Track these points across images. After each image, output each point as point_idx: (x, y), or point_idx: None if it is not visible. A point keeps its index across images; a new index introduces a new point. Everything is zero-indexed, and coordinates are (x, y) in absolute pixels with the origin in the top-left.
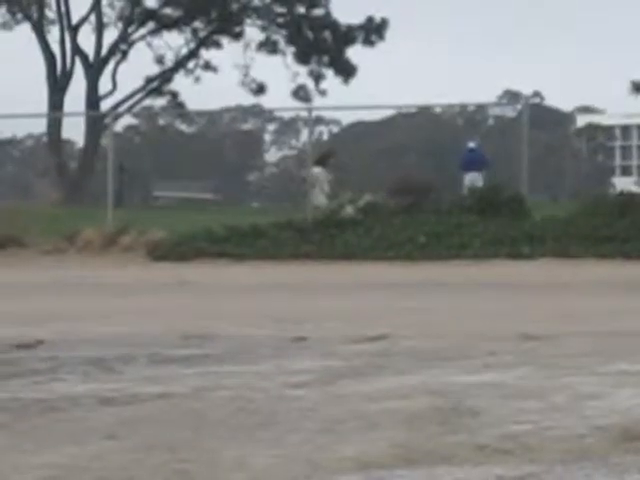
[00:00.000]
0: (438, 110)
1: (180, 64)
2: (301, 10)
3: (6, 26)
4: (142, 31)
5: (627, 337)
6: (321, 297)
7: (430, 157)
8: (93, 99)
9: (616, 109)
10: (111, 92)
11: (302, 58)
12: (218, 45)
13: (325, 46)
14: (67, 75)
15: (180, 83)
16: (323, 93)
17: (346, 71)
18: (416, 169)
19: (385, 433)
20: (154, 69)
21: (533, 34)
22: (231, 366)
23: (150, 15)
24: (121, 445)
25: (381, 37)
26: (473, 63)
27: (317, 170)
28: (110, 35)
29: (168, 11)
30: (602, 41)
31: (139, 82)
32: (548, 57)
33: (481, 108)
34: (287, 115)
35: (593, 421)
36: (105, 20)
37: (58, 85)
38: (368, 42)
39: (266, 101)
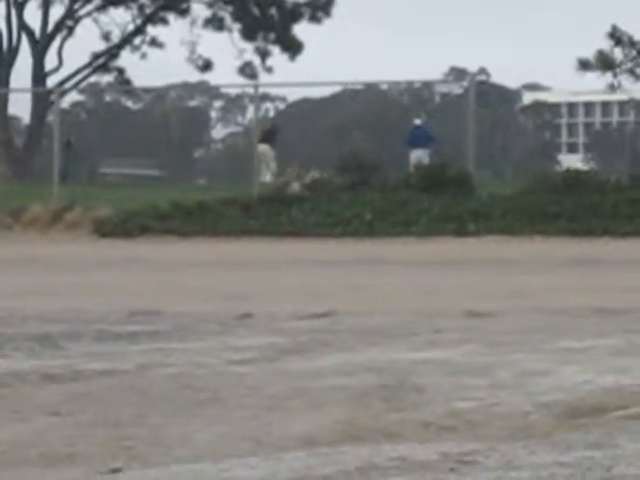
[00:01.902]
0: (384, 87)
1: (126, 40)
2: None
3: None
4: (88, 7)
5: (572, 314)
6: (267, 274)
7: (376, 134)
8: (39, 75)
9: (562, 86)
10: (57, 68)
11: (248, 35)
12: (164, 21)
13: (271, 23)
14: (13, 51)
15: (126, 59)
16: (269, 70)
17: (292, 48)
18: (362, 146)
19: (330, 410)
20: (100, 45)
21: (479, 10)
22: (176, 343)
23: None
24: (66, 421)
25: (327, 14)
26: (419, 40)
27: (263, 147)
28: (56, 11)
29: None
30: (549, 18)
31: (85, 58)
32: (494, 34)
33: (427, 85)
34: (233, 92)
35: (538, 398)
36: None
37: (4, 61)
38: (314, 19)
39: (212, 78)
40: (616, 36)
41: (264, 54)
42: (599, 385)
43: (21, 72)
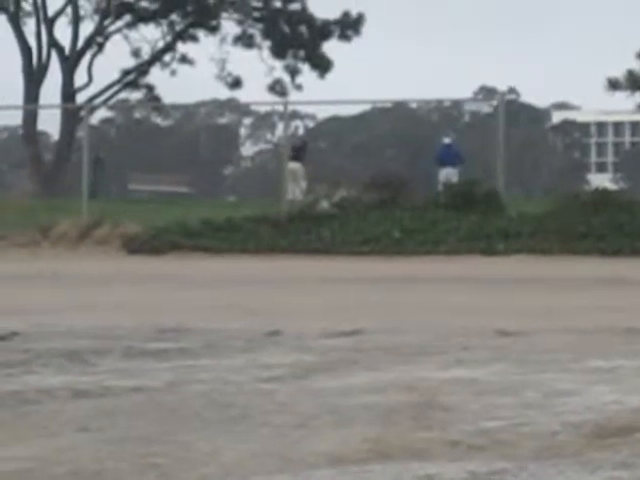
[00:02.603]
0: (414, 105)
1: (156, 57)
2: (277, 4)
3: None
4: (118, 24)
5: (601, 334)
6: (295, 291)
7: (405, 152)
8: (69, 92)
9: (592, 106)
10: (87, 85)
11: (278, 52)
12: (194, 39)
13: (301, 40)
14: (43, 67)
15: (156, 76)
16: (299, 87)
17: (322, 66)
18: (391, 164)
19: (358, 428)
20: (130, 62)
21: (510, 30)
22: (205, 360)
23: (127, 8)
24: (94, 438)
25: (357, 32)
26: (449, 59)
27: (293, 165)
28: (86, 28)
29: (145, 4)
30: (578, 37)
31: (115, 75)
32: (524, 53)
33: (457, 104)
34: (263, 109)
35: (566, 418)
36: (81, 13)
37: (34, 77)
38: (344, 37)
39: (242, 95)
40: None
41: (294, 72)
42: (627, 405)
43: (51, 88)
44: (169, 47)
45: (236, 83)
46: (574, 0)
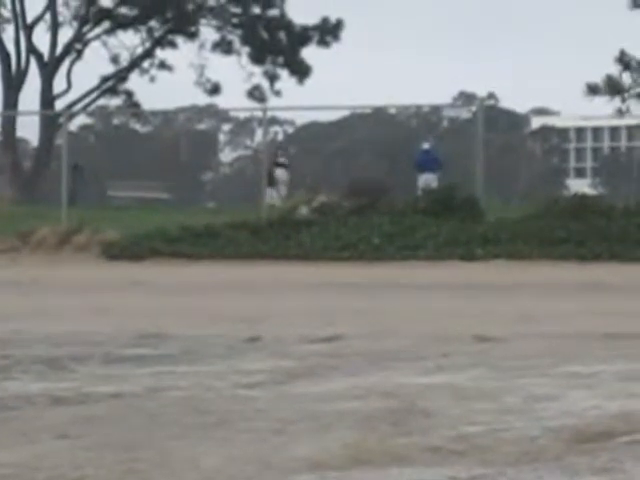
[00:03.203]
0: (393, 111)
1: (135, 63)
2: (256, 10)
3: None
4: (97, 30)
5: (580, 339)
6: (275, 297)
7: (384, 158)
8: (48, 98)
9: (571, 111)
10: (66, 91)
11: (257, 58)
12: (173, 45)
13: (280, 46)
14: (22, 74)
15: (135, 82)
16: (278, 93)
17: (301, 71)
18: (370, 170)
19: (338, 434)
20: (109, 68)
21: (487, 35)
22: (184, 366)
23: (105, 14)
24: (74, 444)
25: (336, 38)
26: (427, 64)
27: (279, 171)
28: (65, 34)
29: (124, 10)
30: (557, 43)
31: (94, 81)
32: (503, 59)
33: (436, 109)
34: (242, 115)
35: (546, 423)
36: (60, 19)
37: (13, 83)
38: (323, 43)
39: (221, 101)
40: (624, 61)
41: (273, 77)
42: (606, 410)
43: (30, 95)
44: (148, 53)
45: (215, 89)
46: (553, 5)
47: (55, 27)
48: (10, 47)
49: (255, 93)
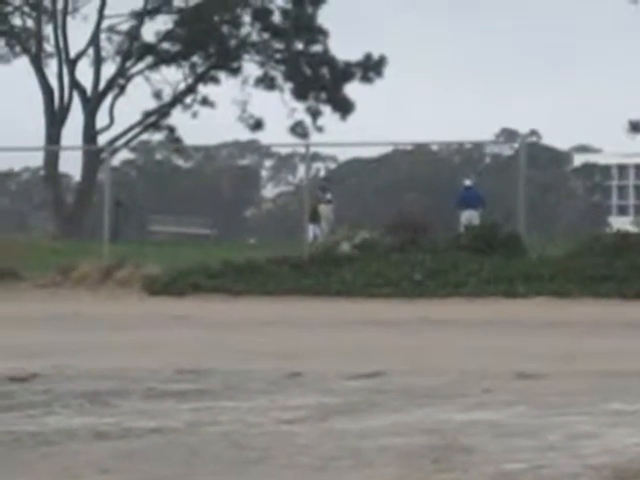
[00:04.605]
0: (435, 148)
1: (178, 99)
2: (299, 46)
3: (4, 59)
4: (140, 65)
5: (622, 377)
6: (316, 333)
7: (427, 194)
8: (90, 133)
9: (613, 148)
10: (108, 126)
11: (300, 94)
12: (216, 80)
13: (323, 82)
14: (65, 109)
15: (177, 118)
16: (320, 129)
17: (343, 108)
18: (412, 206)
19: (380, 470)
20: (152, 104)
21: (531, 72)
22: (226, 401)
23: (148, 50)
24: (115, 479)
25: (379, 74)
26: (471, 101)
27: (324, 207)
28: (108, 69)
29: (166, 46)
30: (599, 80)
31: (136, 116)
32: (545, 96)
33: (478, 146)
34: (284, 151)
35: (587, 460)
36: (103, 54)
37: (56, 118)
38: (366, 79)
39: (263, 137)
40: None
41: (315, 113)
42: None
43: (72, 130)
44: (190, 89)
45: (257, 125)
46: (594, 42)
47: (98, 62)
48: (53, 82)
49: (297, 129)
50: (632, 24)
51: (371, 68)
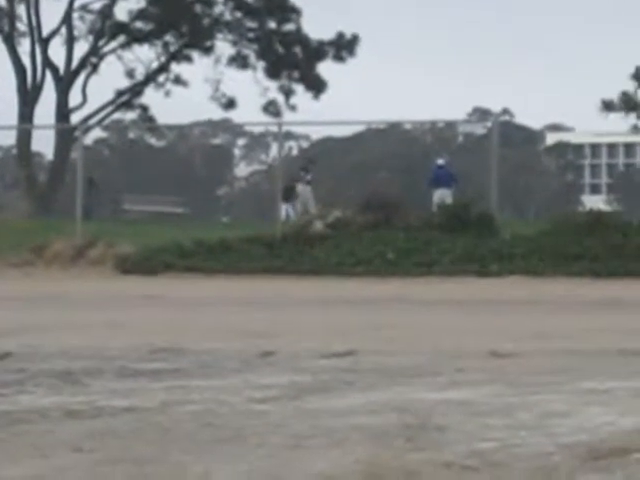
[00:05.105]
0: (408, 127)
1: (150, 78)
2: (272, 25)
3: None
4: (113, 44)
5: (594, 356)
6: (289, 312)
7: (399, 173)
8: (63, 112)
9: (586, 127)
10: (81, 105)
11: (272, 73)
12: (189, 59)
13: (296, 61)
14: (37, 87)
15: (150, 97)
16: (293, 108)
17: (316, 86)
18: (385, 185)
19: (352, 449)
20: (124, 82)
21: (503, 52)
22: (198, 380)
23: (121, 28)
24: (87, 458)
25: (352, 53)
26: (443, 80)
27: (302, 187)
28: (81, 48)
29: (139, 25)
30: (572, 59)
31: (109, 95)
32: (518, 75)
33: (451, 125)
34: (257, 130)
35: (560, 439)
36: (76, 33)
37: (28, 97)
38: (339, 58)
39: (236, 115)
40: None
41: (288, 92)
42: (621, 426)
43: (45, 109)
44: (163, 68)
45: (230, 104)
46: (568, 21)
47: (71, 41)
48: (26, 61)
49: (270, 108)
50: (604, 3)
51: (344, 47)
